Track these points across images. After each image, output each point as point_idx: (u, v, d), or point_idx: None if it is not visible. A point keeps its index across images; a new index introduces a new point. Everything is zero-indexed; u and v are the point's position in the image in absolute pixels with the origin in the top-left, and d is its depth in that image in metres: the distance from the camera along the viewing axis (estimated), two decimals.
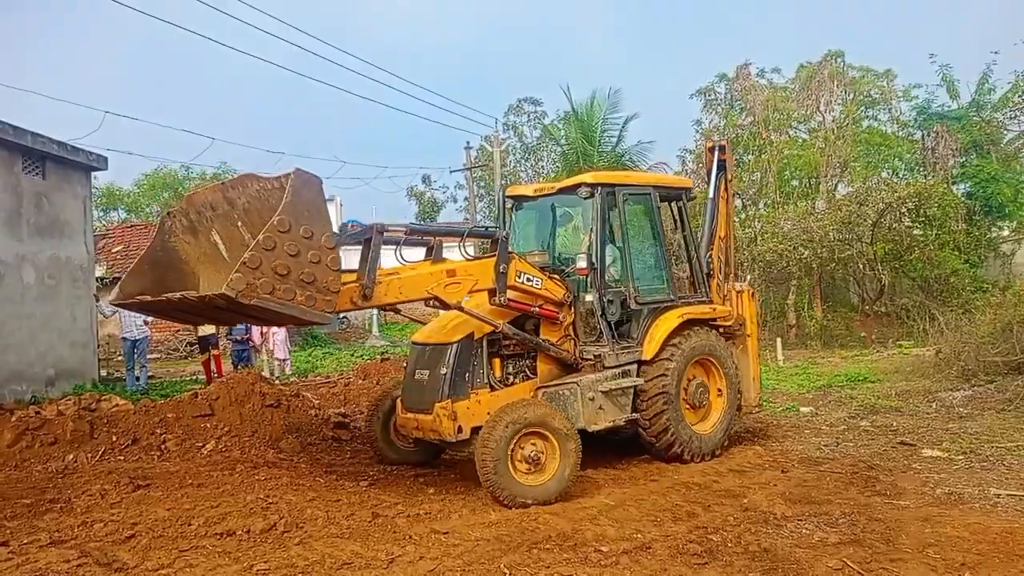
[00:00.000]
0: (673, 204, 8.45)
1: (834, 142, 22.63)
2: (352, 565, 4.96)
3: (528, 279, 6.94)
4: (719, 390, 8.13)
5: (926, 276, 21.20)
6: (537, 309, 7.12)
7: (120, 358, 17.04)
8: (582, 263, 7.23)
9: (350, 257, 6.15)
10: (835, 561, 4.83)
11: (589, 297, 7.44)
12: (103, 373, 15.50)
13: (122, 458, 7.95)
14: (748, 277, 19.46)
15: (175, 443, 8.22)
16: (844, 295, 23.57)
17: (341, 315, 24.22)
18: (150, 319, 14.50)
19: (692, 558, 5.00)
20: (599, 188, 7.49)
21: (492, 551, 5.17)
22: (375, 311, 23.59)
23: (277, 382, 11.74)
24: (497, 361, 7.15)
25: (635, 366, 7.51)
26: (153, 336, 17.44)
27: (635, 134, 38.54)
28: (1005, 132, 23.01)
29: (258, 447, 8.20)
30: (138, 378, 14.10)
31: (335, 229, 5.93)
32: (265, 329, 15.70)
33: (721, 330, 8.37)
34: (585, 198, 7.49)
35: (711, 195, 9.28)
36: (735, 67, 24.73)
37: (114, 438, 8.28)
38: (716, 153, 9.44)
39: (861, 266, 21.48)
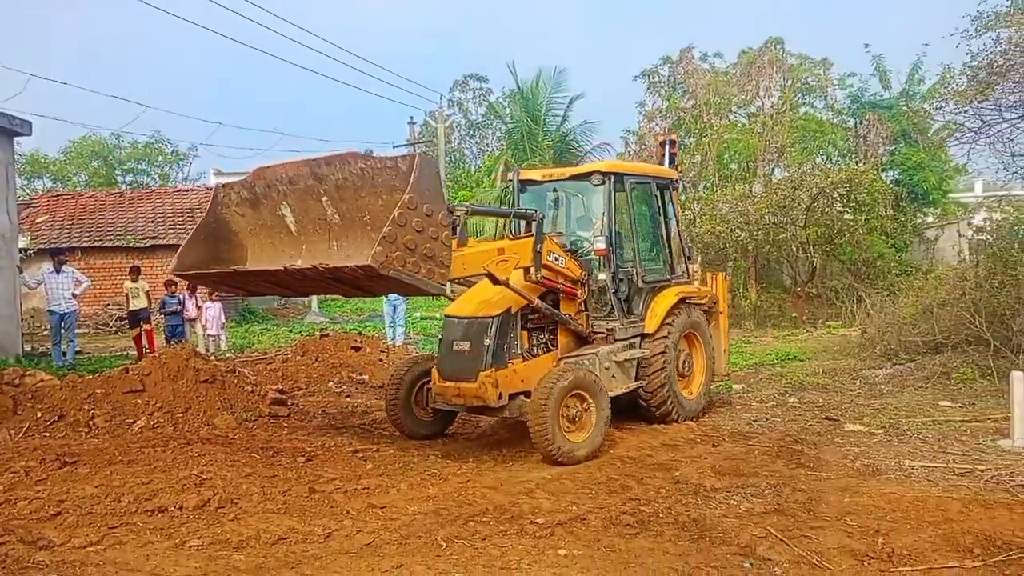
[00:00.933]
0: (661, 193, 9.07)
1: (772, 127, 23.12)
2: (288, 540, 4.94)
3: (556, 259, 7.54)
4: (701, 360, 8.99)
5: (855, 259, 21.98)
6: (562, 286, 7.69)
7: (46, 332, 16.37)
8: (601, 244, 7.84)
9: None
10: (759, 529, 5.04)
11: (602, 276, 8.09)
12: (27, 348, 14.91)
13: (47, 435, 7.69)
14: (700, 258, 19.94)
15: (104, 419, 7.98)
16: (777, 277, 24.26)
17: None
18: (79, 292, 14.00)
19: (624, 528, 5.15)
20: (611, 176, 8.17)
21: (429, 524, 5.22)
22: None
23: (212, 358, 11.49)
24: (525, 334, 7.59)
25: (638, 339, 8.26)
26: (81, 310, 16.79)
27: (582, 114, 38.70)
28: (932, 122, 23.87)
29: (192, 423, 8.04)
30: (65, 353, 13.55)
31: None
32: (200, 303, 15.33)
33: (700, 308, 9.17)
34: (597, 185, 8.13)
35: None
36: (679, 50, 25.03)
37: (39, 414, 7.98)
38: (668, 147, 10.16)
39: (794, 249, 22.12)
